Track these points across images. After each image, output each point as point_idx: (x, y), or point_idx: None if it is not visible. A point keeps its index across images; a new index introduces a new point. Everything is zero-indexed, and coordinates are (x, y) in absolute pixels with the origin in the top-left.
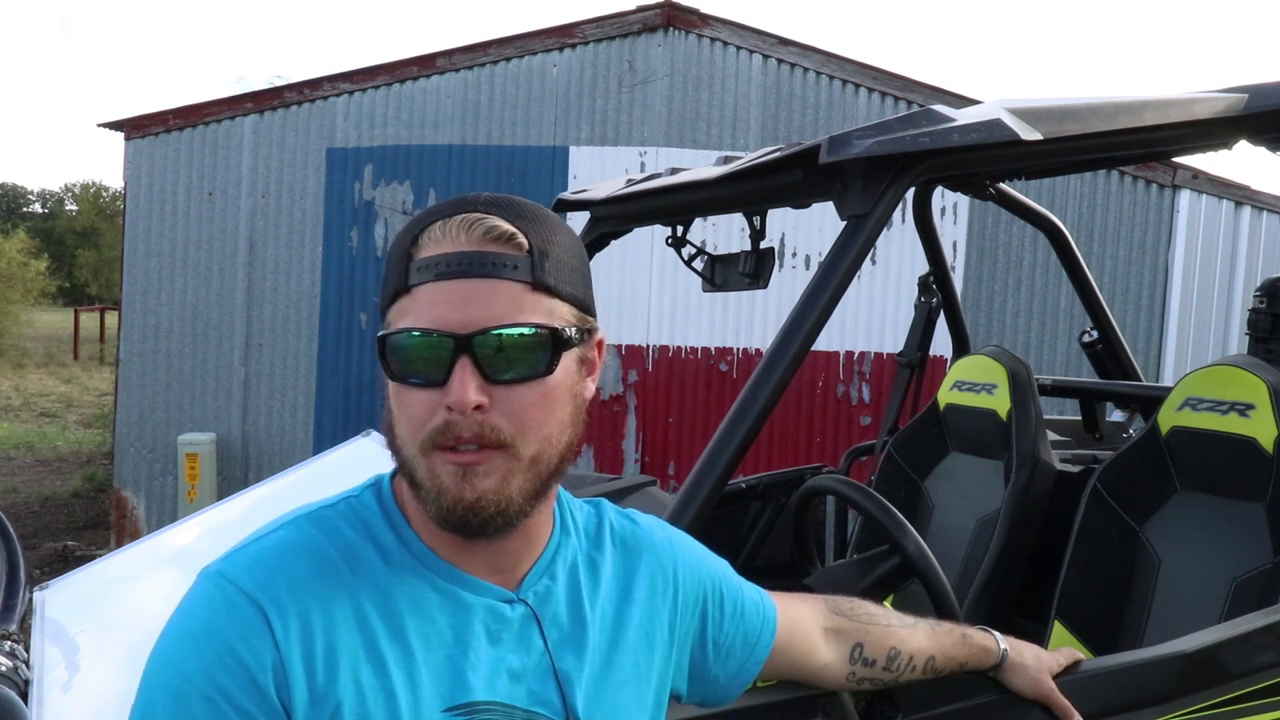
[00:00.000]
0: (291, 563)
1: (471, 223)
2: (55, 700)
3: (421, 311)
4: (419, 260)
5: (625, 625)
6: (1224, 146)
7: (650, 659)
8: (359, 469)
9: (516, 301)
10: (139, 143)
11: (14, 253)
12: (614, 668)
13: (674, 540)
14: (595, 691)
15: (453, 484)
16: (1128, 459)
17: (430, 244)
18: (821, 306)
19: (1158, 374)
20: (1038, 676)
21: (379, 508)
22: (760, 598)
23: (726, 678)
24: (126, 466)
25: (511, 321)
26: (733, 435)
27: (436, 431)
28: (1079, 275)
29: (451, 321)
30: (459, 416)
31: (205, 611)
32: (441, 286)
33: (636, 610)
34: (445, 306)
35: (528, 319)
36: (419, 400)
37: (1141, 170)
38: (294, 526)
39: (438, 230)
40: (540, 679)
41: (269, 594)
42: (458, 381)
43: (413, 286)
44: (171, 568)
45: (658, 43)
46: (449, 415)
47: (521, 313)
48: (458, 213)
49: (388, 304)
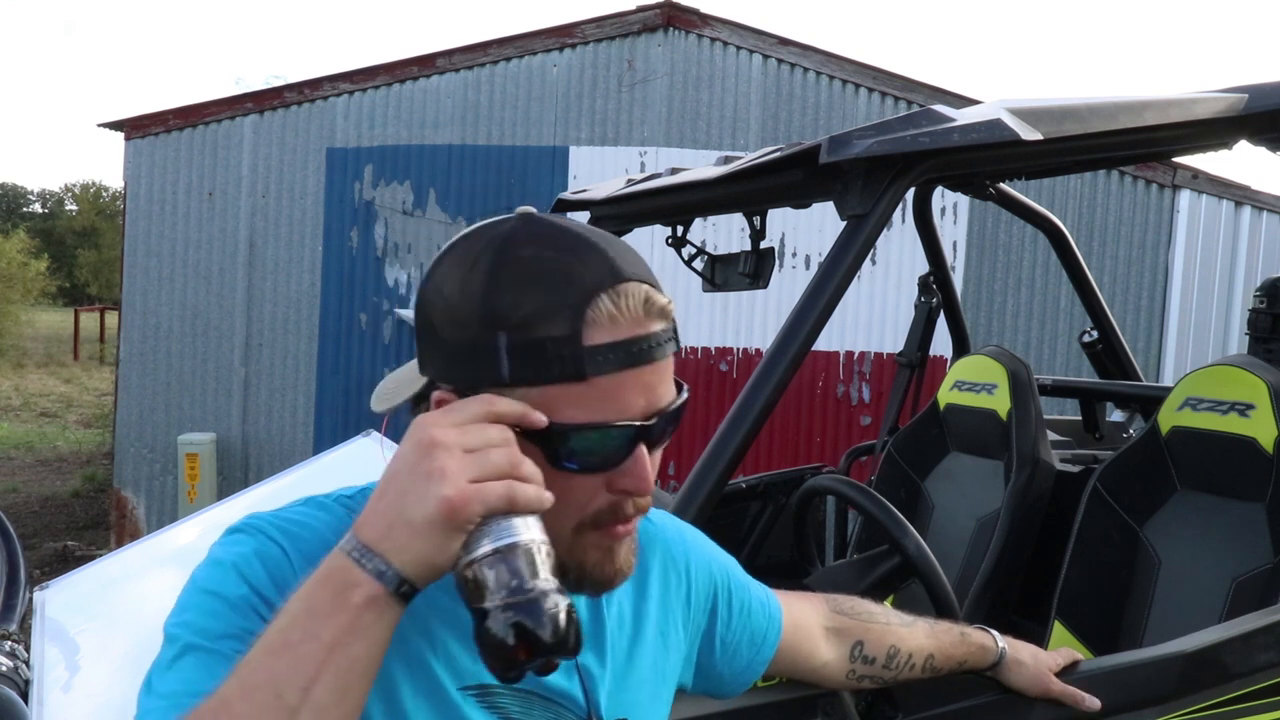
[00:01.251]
0: (312, 532)
1: (644, 298)
2: (55, 700)
3: (605, 406)
4: (595, 345)
5: (643, 623)
6: (1224, 146)
7: (666, 656)
8: (359, 469)
9: (671, 372)
10: (139, 143)
11: (14, 253)
12: (634, 666)
13: (685, 535)
14: (617, 689)
15: (604, 559)
16: (1128, 459)
17: (605, 324)
18: (822, 306)
19: (1158, 374)
20: (1037, 673)
21: None
22: (766, 597)
23: (731, 675)
24: (126, 466)
25: (675, 399)
26: (733, 435)
27: (603, 514)
28: (1079, 275)
29: (637, 410)
30: (633, 499)
31: (235, 546)
32: (626, 376)
33: (652, 607)
34: (632, 395)
35: (679, 394)
36: (583, 485)
37: (1141, 170)
38: (314, 504)
39: (610, 308)
40: (563, 673)
41: (290, 539)
42: (641, 467)
43: (590, 377)
44: (171, 568)
45: (658, 43)
46: (619, 497)
47: (673, 385)
48: (618, 282)
49: (538, 382)
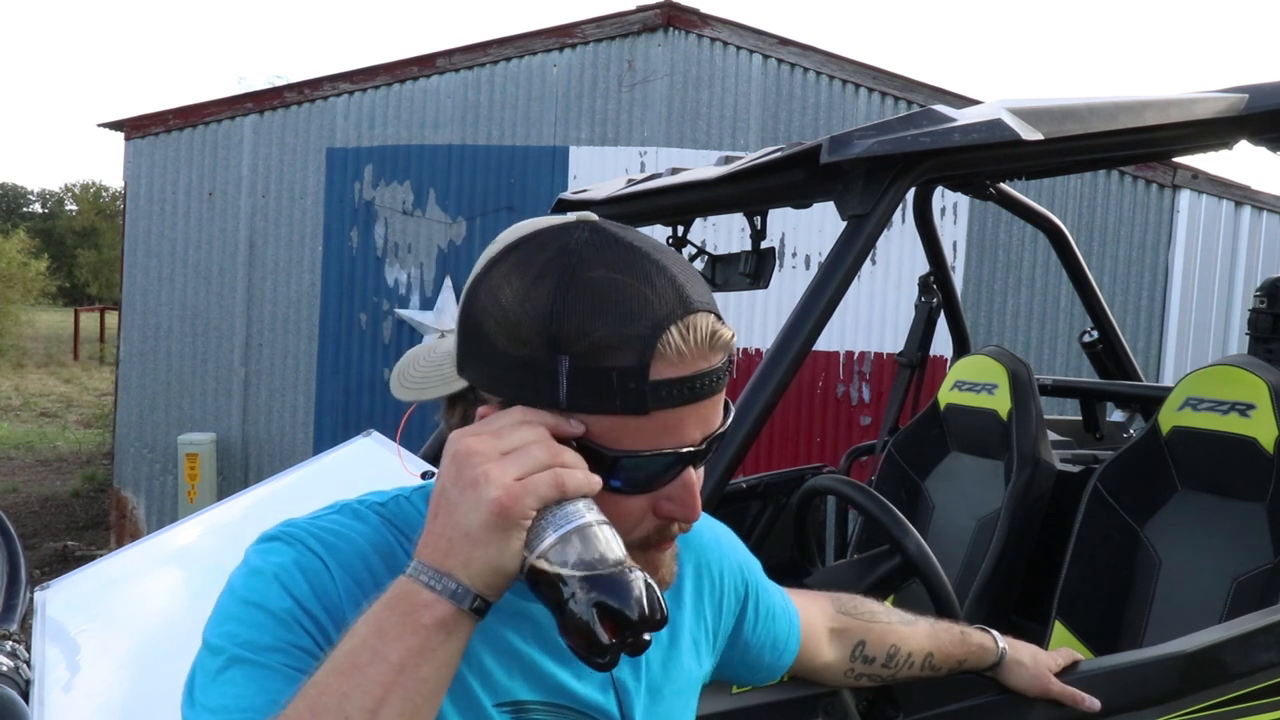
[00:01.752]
0: (349, 543)
1: (712, 334)
2: (56, 700)
3: (664, 437)
4: (660, 380)
5: (679, 633)
6: (1224, 146)
7: (698, 665)
8: (359, 469)
9: (724, 400)
10: (139, 143)
11: (14, 253)
12: (670, 678)
13: (720, 537)
14: (652, 703)
15: (649, 574)
16: (1128, 459)
17: (673, 359)
18: (822, 306)
19: (1158, 374)
20: (1037, 673)
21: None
22: (787, 603)
23: (749, 675)
24: (126, 466)
25: (724, 423)
26: (734, 435)
27: (650, 536)
28: (1079, 275)
29: (693, 440)
30: (679, 523)
31: (273, 555)
32: (687, 411)
33: (686, 615)
34: (691, 429)
35: (723, 414)
36: (632, 507)
37: (1141, 170)
38: (350, 513)
39: (679, 343)
40: (599, 688)
41: (330, 551)
42: (689, 493)
43: (652, 410)
44: (172, 568)
45: (658, 43)
46: (666, 521)
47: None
48: (688, 311)
49: (597, 410)
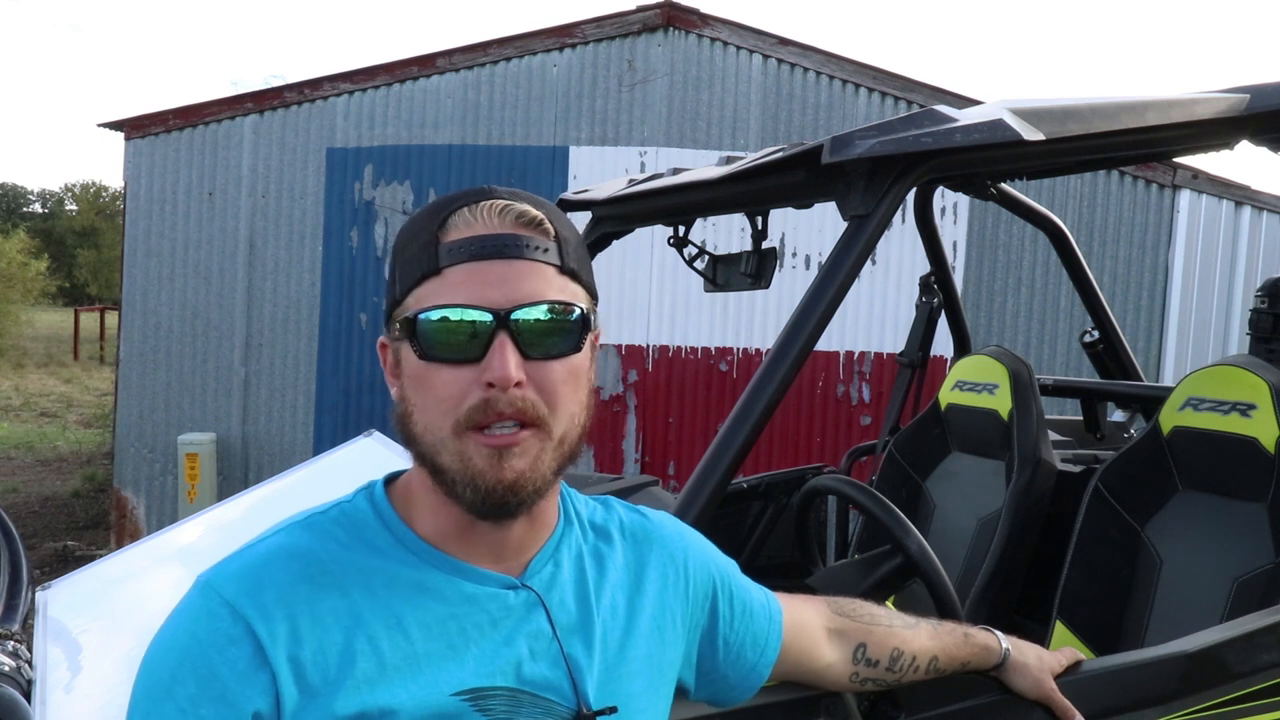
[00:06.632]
0: (280, 568)
1: (502, 207)
2: (58, 700)
3: (456, 291)
4: (449, 243)
5: (637, 616)
6: (1225, 147)
7: (662, 649)
8: (359, 469)
9: (549, 282)
10: (139, 143)
11: (14, 253)
12: (627, 658)
13: (684, 534)
14: (607, 680)
15: (488, 466)
16: (1129, 459)
17: (461, 226)
18: (824, 307)
19: (1158, 374)
20: (1039, 677)
21: (372, 510)
22: (767, 599)
23: (737, 678)
24: (126, 466)
25: (549, 299)
26: (735, 435)
27: (474, 410)
28: (1079, 275)
29: (490, 299)
30: (499, 393)
31: (187, 623)
32: (477, 267)
33: (648, 601)
34: (482, 285)
35: (559, 298)
36: (452, 380)
37: (1141, 170)
38: (285, 533)
39: (467, 214)
40: (550, 664)
41: (254, 601)
42: (498, 358)
43: (444, 268)
44: (172, 567)
45: (658, 43)
46: (488, 392)
47: (554, 292)
48: (483, 199)
49: (410, 287)
